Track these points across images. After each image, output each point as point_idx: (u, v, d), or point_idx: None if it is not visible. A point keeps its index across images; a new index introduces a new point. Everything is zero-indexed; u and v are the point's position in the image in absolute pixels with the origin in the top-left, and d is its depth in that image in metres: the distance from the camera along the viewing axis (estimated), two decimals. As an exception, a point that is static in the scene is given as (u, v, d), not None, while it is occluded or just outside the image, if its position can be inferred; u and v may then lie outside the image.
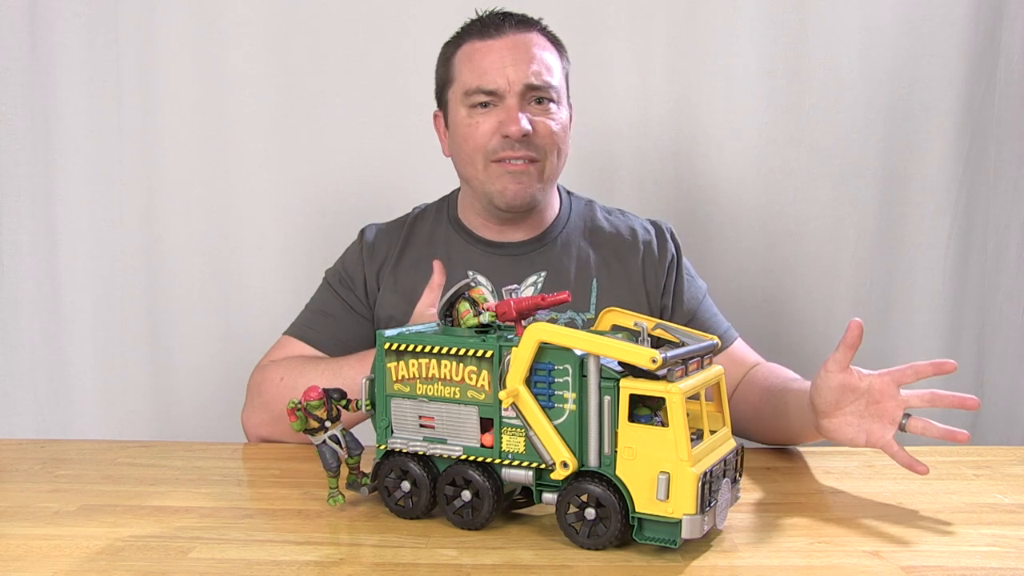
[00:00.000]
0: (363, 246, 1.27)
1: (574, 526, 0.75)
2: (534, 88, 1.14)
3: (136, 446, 1.11)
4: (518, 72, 1.13)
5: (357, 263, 1.26)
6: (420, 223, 1.28)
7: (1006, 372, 1.67)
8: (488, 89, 1.14)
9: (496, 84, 1.13)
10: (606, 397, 0.73)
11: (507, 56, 1.14)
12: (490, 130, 1.14)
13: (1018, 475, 0.99)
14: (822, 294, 1.65)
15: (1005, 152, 1.63)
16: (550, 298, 0.79)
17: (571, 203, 1.28)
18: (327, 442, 0.85)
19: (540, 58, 1.15)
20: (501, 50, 1.14)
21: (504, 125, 1.13)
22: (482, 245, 1.23)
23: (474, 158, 1.16)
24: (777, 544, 0.77)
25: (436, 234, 1.26)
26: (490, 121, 1.14)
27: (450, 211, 1.28)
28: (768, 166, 1.62)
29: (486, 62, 1.14)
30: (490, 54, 1.15)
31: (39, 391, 1.65)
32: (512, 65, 1.13)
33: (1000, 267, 1.66)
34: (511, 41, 1.15)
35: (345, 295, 1.25)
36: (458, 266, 1.21)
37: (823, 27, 1.59)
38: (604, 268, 1.22)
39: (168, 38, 1.60)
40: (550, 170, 1.17)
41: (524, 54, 1.14)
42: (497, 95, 1.14)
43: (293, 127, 1.62)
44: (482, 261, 1.22)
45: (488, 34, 1.16)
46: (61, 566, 0.72)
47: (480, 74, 1.14)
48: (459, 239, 1.24)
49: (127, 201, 1.63)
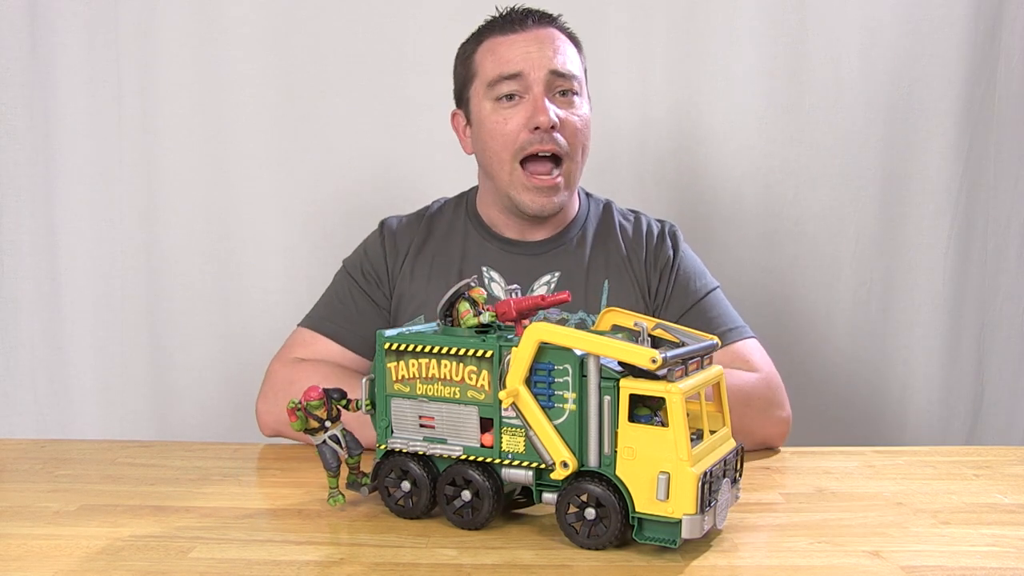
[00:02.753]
0: (384, 237, 1.25)
1: (574, 526, 0.75)
2: (559, 76, 1.13)
3: (136, 446, 1.11)
4: (543, 58, 1.12)
5: (379, 255, 1.24)
6: (439, 217, 1.27)
7: (1006, 372, 1.67)
8: (512, 72, 1.13)
9: (520, 67, 1.12)
10: (606, 397, 0.73)
11: (531, 45, 1.14)
12: (519, 125, 1.13)
13: (1018, 475, 0.99)
14: (822, 294, 1.65)
15: (1005, 152, 1.63)
16: (550, 298, 0.79)
17: (589, 204, 1.28)
18: (327, 442, 0.85)
19: (563, 49, 1.15)
20: (525, 41, 1.14)
21: (533, 116, 1.12)
22: (499, 242, 1.23)
23: (502, 156, 1.15)
24: (777, 544, 0.77)
25: (454, 228, 1.25)
26: (518, 116, 1.13)
27: (469, 206, 1.27)
28: (768, 166, 1.62)
29: (510, 52, 1.14)
30: (513, 45, 1.15)
31: (39, 391, 1.65)
32: (537, 52, 1.13)
33: (1000, 267, 1.66)
34: (534, 34, 1.15)
35: (368, 288, 1.23)
36: (474, 261, 1.21)
37: (823, 27, 1.59)
38: (616, 269, 1.22)
39: (168, 38, 1.60)
40: (574, 172, 1.17)
41: (549, 44, 1.14)
42: (522, 80, 1.13)
43: (293, 127, 1.62)
44: (498, 258, 1.22)
45: (510, 29, 1.16)
46: (61, 566, 0.72)
47: (504, 63, 1.14)
48: (476, 235, 1.24)
49: (127, 201, 1.63)
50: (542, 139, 1.12)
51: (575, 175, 1.17)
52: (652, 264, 1.23)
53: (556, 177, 1.15)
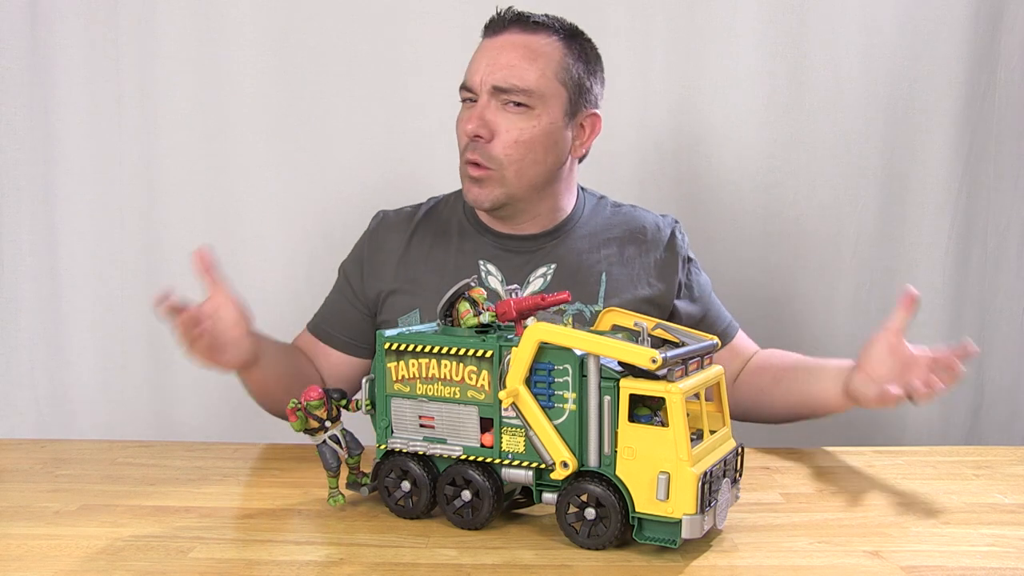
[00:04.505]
0: (368, 235, 1.28)
1: (574, 526, 0.75)
2: (501, 90, 1.13)
3: (136, 446, 1.11)
4: (492, 71, 1.13)
5: (359, 254, 1.27)
6: (434, 213, 1.28)
7: (1006, 372, 1.67)
8: (465, 84, 1.16)
9: (471, 79, 1.15)
10: (606, 397, 0.73)
11: (491, 55, 1.14)
12: (463, 128, 1.16)
13: (1018, 475, 0.99)
14: (822, 294, 1.64)
15: (1005, 152, 1.63)
16: (550, 298, 0.79)
17: (584, 198, 1.29)
18: (327, 442, 0.85)
19: (523, 58, 1.13)
20: (491, 49, 1.15)
21: (464, 123, 1.15)
22: (494, 236, 1.23)
23: (459, 150, 1.18)
24: (777, 544, 0.78)
25: (451, 223, 1.26)
26: (465, 118, 1.15)
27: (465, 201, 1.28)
28: (768, 166, 1.62)
29: (475, 59, 1.16)
30: (482, 51, 1.16)
31: (39, 391, 1.65)
32: (489, 64, 1.14)
33: (1000, 267, 1.66)
34: (503, 40, 1.15)
35: (343, 287, 1.27)
36: (470, 255, 1.21)
37: (823, 27, 1.59)
38: (613, 262, 1.22)
39: (168, 38, 1.59)
40: (515, 178, 1.15)
41: (507, 54, 1.13)
42: (472, 91, 1.15)
43: (293, 127, 1.62)
44: (494, 252, 1.22)
45: (489, 32, 1.18)
46: (61, 566, 0.72)
47: (468, 70, 1.16)
48: (472, 229, 1.24)
49: (127, 201, 1.63)
50: (471, 147, 1.15)
51: (512, 180, 1.15)
52: (667, 260, 1.24)
53: (484, 170, 1.15)
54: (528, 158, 1.15)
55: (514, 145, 1.13)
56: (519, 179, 1.15)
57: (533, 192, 1.18)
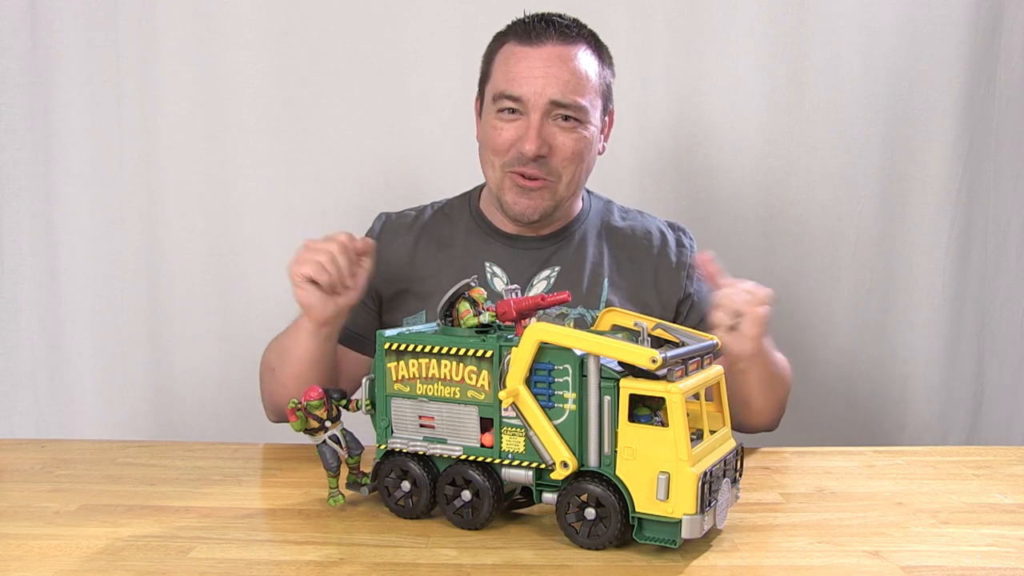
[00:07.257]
0: (374, 236, 1.26)
1: (574, 526, 0.75)
2: (560, 105, 1.12)
3: (136, 446, 1.11)
4: (548, 84, 1.12)
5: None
6: (440, 216, 1.28)
7: (1006, 372, 1.67)
8: (514, 95, 1.13)
9: (522, 91, 1.13)
10: (606, 397, 0.73)
11: (540, 67, 1.13)
12: (509, 140, 1.14)
13: (1018, 475, 0.99)
14: (822, 294, 1.64)
15: (1005, 152, 1.63)
16: (550, 298, 0.79)
17: (591, 202, 1.29)
18: (327, 442, 0.85)
19: (575, 73, 1.13)
20: (536, 59, 1.13)
21: (521, 142, 1.13)
22: (500, 237, 1.24)
23: (492, 161, 1.17)
24: (777, 544, 0.78)
25: (458, 225, 1.26)
26: (511, 132, 1.14)
27: (472, 203, 1.29)
28: (768, 166, 1.62)
29: (519, 68, 1.14)
30: (524, 60, 1.14)
31: (39, 391, 1.65)
32: (543, 77, 1.12)
33: (1000, 267, 1.66)
34: (549, 52, 1.13)
35: None
36: (476, 256, 1.22)
37: (823, 27, 1.59)
38: (616, 267, 1.23)
39: (168, 38, 1.59)
40: (565, 188, 1.17)
41: (558, 68, 1.13)
42: (522, 103, 1.13)
43: (293, 127, 1.62)
44: (500, 253, 1.22)
45: (528, 40, 1.15)
46: (61, 566, 0.72)
47: (510, 80, 1.14)
48: (479, 230, 1.25)
49: (127, 201, 1.63)
50: (527, 164, 1.14)
51: (564, 190, 1.17)
52: (672, 266, 1.24)
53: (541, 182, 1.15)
54: (580, 168, 1.17)
55: (571, 157, 1.15)
56: (568, 189, 1.18)
57: (574, 198, 1.21)
